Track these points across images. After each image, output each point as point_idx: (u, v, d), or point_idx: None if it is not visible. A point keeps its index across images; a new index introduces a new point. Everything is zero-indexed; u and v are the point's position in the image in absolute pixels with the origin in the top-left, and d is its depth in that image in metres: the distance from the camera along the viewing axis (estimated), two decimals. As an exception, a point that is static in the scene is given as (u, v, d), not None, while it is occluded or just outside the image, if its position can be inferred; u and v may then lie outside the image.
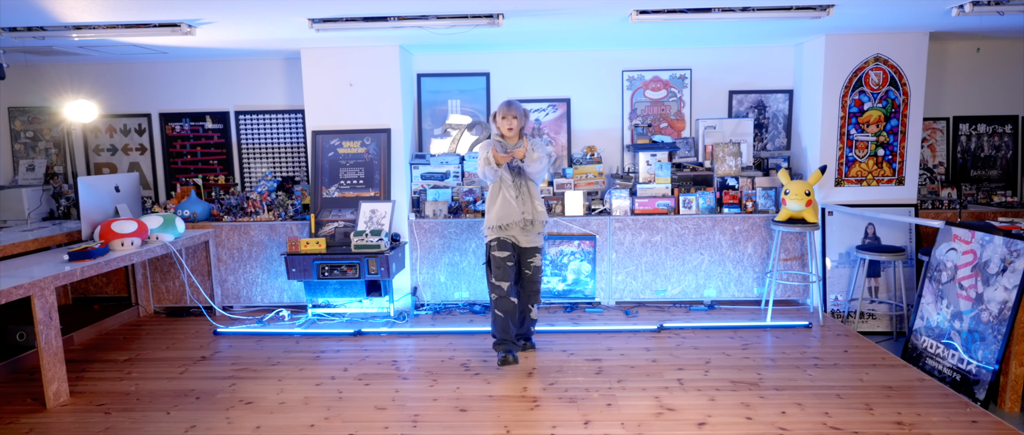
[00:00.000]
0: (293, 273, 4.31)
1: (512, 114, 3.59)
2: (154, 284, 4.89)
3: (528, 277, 3.72)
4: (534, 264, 3.70)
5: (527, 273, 3.71)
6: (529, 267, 3.70)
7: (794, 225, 4.23)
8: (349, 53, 4.57)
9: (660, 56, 4.96)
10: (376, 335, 4.26)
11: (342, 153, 4.66)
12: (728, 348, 3.85)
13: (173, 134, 5.22)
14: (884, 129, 4.48)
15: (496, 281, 3.63)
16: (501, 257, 3.61)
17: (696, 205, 4.64)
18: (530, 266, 3.70)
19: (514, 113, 3.60)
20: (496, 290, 3.64)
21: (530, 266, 3.70)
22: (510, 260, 3.63)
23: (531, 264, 3.69)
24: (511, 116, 3.59)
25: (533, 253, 3.69)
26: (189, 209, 4.77)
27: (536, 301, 3.78)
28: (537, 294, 3.76)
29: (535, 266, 3.70)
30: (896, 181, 4.53)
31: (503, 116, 3.60)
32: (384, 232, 4.29)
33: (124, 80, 5.15)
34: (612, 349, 3.88)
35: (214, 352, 4.01)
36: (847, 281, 4.56)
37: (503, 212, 3.58)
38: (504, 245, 3.62)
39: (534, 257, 3.69)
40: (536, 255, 3.70)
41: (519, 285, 3.78)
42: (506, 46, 4.79)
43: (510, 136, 3.65)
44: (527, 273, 3.71)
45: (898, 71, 4.40)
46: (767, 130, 5.00)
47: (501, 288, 3.62)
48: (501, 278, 3.62)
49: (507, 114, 3.59)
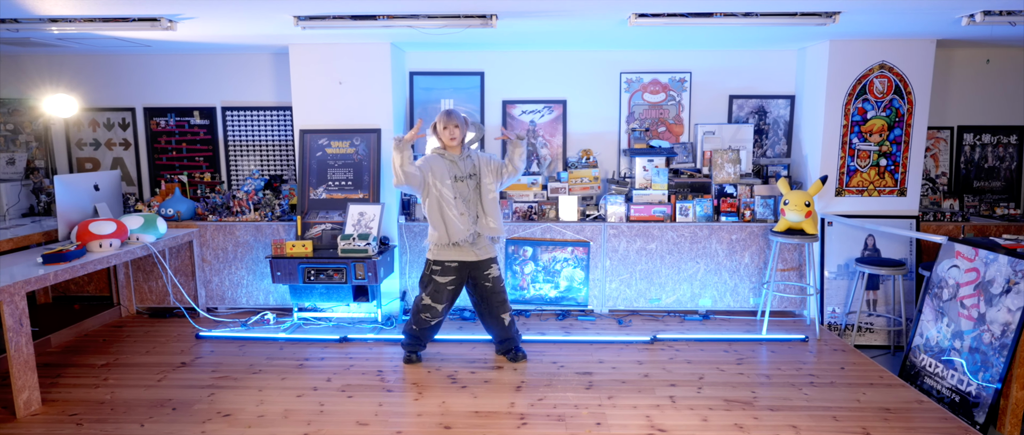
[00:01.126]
0: (278, 277, 4.19)
1: (453, 123, 3.48)
2: (137, 284, 4.77)
3: (489, 290, 3.61)
4: (492, 276, 3.60)
5: (486, 286, 3.60)
6: (487, 280, 3.59)
7: (793, 236, 4.13)
8: (339, 50, 4.43)
9: (659, 58, 4.83)
10: (362, 342, 4.15)
11: (331, 153, 4.53)
12: (722, 362, 3.76)
13: (158, 129, 5.08)
14: (887, 138, 4.37)
15: (430, 301, 3.55)
16: (442, 283, 3.53)
17: (693, 213, 4.53)
18: (488, 278, 3.59)
19: (455, 122, 3.48)
20: (428, 310, 3.57)
21: (488, 278, 3.59)
22: (452, 285, 3.55)
23: (488, 277, 3.60)
24: (452, 125, 3.47)
25: (488, 265, 3.59)
26: (173, 207, 4.64)
27: (506, 309, 3.67)
28: (504, 303, 3.66)
29: (493, 277, 3.60)
30: (898, 192, 4.43)
31: (444, 125, 3.49)
32: (372, 236, 4.17)
33: (107, 73, 5.00)
34: (603, 361, 3.77)
35: (195, 358, 3.90)
36: (845, 293, 4.46)
37: (451, 231, 3.46)
38: (447, 270, 3.53)
39: (490, 269, 3.59)
40: (492, 266, 3.60)
41: (480, 302, 3.67)
42: (501, 45, 4.65)
43: (453, 146, 3.53)
44: (486, 286, 3.60)
45: (903, 79, 4.28)
46: (767, 136, 4.89)
47: (435, 309, 3.56)
48: (437, 299, 3.55)
49: (448, 123, 3.48)
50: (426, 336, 3.72)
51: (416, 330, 3.68)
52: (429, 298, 3.57)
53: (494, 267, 3.62)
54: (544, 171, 4.96)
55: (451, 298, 3.62)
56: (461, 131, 3.51)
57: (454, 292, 3.60)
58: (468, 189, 3.54)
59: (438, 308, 3.58)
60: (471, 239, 3.53)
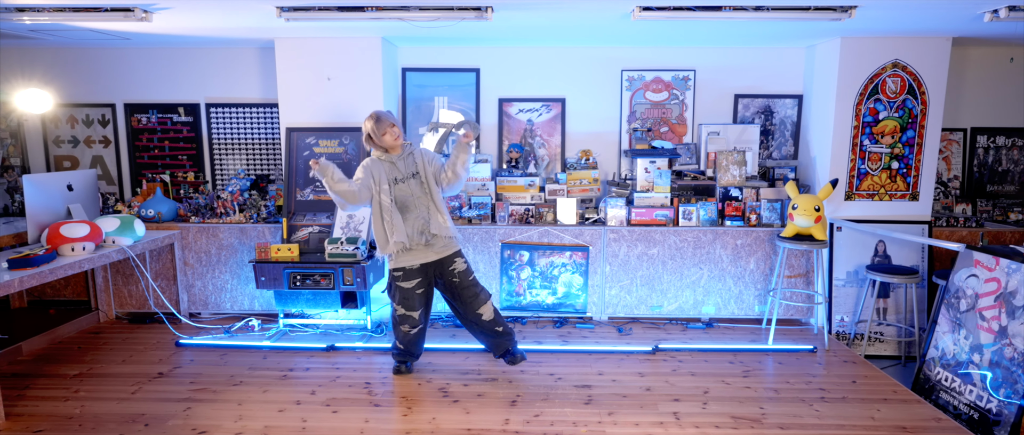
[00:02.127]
0: (262, 282, 4.00)
1: (390, 122, 3.28)
2: (116, 288, 4.56)
3: (457, 285, 3.39)
4: (458, 270, 3.39)
5: (455, 282, 3.39)
6: (454, 275, 3.39)
7: (801, 242, 3.94)
8: (327, 44, 4.23)
9: (662, 55, 4.64)
10: (350, 351, 3.95)
11: (319, 152, 4.33)
12: (728, 375, 3.58)
13: (139, 126, 4.87)
14: (899, 140, 4.19)
15: (404, 310, 3.37)
16: (408, 287, 3.34)
17: (697, 217, 4.34)
18: (454, 273, 3.39)
19: (391, 121, 3.29)
20: (405, 321, 3.39)
21: (454, 273, 3.39)
22: (420, 288, 3.36)
23: (454, 271, 3.39)
24: (388, 124, 3.26)
25: (452, 260, 3.39)
26: (153, 208, 4.44)
27: (482, 302, 3.40)
28: (477, 296, 3.40)
29: (460, 271, 3.39)
30: (910, 196, 4.25)
31: (383, 132, 3.26)
32: (361, 239, 3.97)
33: (86, 67, 4.79)
34: (603, 373, 3.59)
35: (173, 368, 3.70)
36: (854, 301, 4.28)
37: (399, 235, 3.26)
38: (410, 274, 3.34)
39: (454, 263, 3.39)
40: (456, 259, 3.40)
41: (453, 302, 3.48)
42: (497, 40, 4.46)
43: (396, 145, 3.33)
44: (455, 282, 3.39)
45: (917, 79, 4.10)
46: (773, 137, 4.71)
47: (412, 317, 3.38)
48: (409, 306, 3.36)
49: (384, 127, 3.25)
50: (413, 347, 3.53)
51: (401, 346, 3.52)
52: (402, 307, 3.38)
53: (459, 260, 3.41)
54: (541, 172, 4.77)
55: (425, 302, 3.43)
56: (398, 128, 3.32)
57: (426, 294, 3.42)
58: (412, 189, 3.33)
59: (414, 315, 3.38)
60: (424, 240, 3.33)
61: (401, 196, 3.32)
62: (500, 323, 3.48)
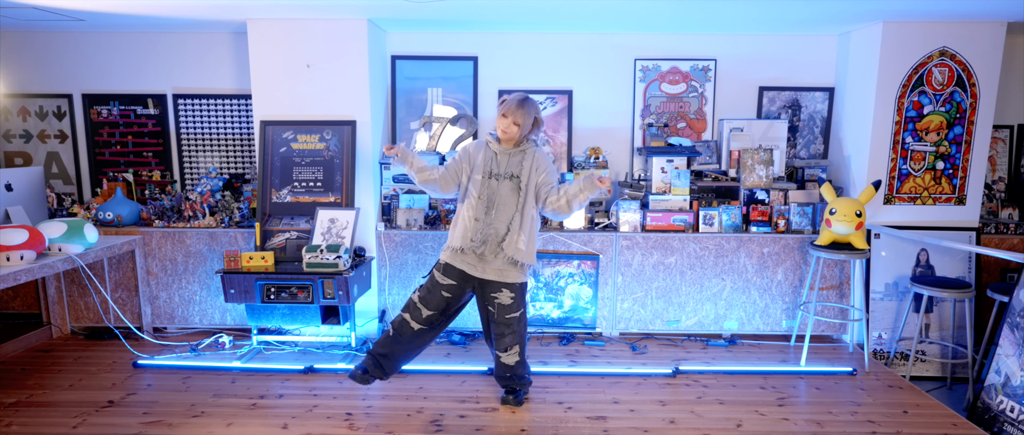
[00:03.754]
0: (232, 295, 3.53)
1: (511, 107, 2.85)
2: (71, 300, 4.08)
3: (492, 314, 2.95)
4: (498, 301, 2.90)
5: (491, 310, 2.95)
6: (492, 304, 2.92)
7: (839, 251, 3.51)
8: (307, 27, 3.77)
9: (679, 43, 4.20)
10: (331, 373, 3.49)
11: (297, 149, 3.87)
12: (761, 403, 3.14)
13: (100, 120, 4.39)
14: (945, 138, 3.76)
15: (418, 301, 2.92)
16: (440, 283, 2.91)
17: (719, 222, 3.91)
18: (493, 302, 2.92)
19: (511, 107, 2.85)
20: (411, 309, 2.93)
21: (493, 302, 2.92)
22: (449, 291, 2.90)
23: (494, 301, 2.91)
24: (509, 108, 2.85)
25: (497, 288, 2.89)
26: (112, 211, 3.97)
27: (508, 344, 2.95)
28: (504, 338, 2.94)
29: (499, 304, 2.90)
30: (956, 200, 3.83)
31: (501, 112, 2.87)
32: (344, 247, 3.52)
33: (37, 52, 4.31)
34: (619, 401, 3.14)
35: (127, 394, 3.23)
36: (894, 317, 3.86)
37: (461, 234, 2.89)
38: (450, 271, 2.91)
39: (499, 293, 2.89)
40: (501, 291, 2.89)
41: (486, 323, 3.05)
42: (497, 25, 4.01)
43: (505, 139, 2.90)
44: (491, 310, 2.95)
45: (967, 68, 3.68)
46: (801, 134, 4.28)
47: (419, 311, 2.91)
48: (426, 302, 2.91)
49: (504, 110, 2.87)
50: (397, 352, 2.94)
51: (390, 335, 2.95)
52: (418, 294, 2.94)
53: (503, 292, 2.89)
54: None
55: (444, 308, 2.95)
56: (519, 130, 2.86)
57: (450, 301, 2.94)
58: (503, 191, 2.87)
59: (423, 312, 2.90)
60: (480, 251, 2.86)
61: (490, 194, 2.87)
62: (521, 375, 3.04)
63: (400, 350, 2.96)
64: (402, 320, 2.95)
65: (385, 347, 2.95)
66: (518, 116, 2.85)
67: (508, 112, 2.85)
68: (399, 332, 2.95)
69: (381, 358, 2.94)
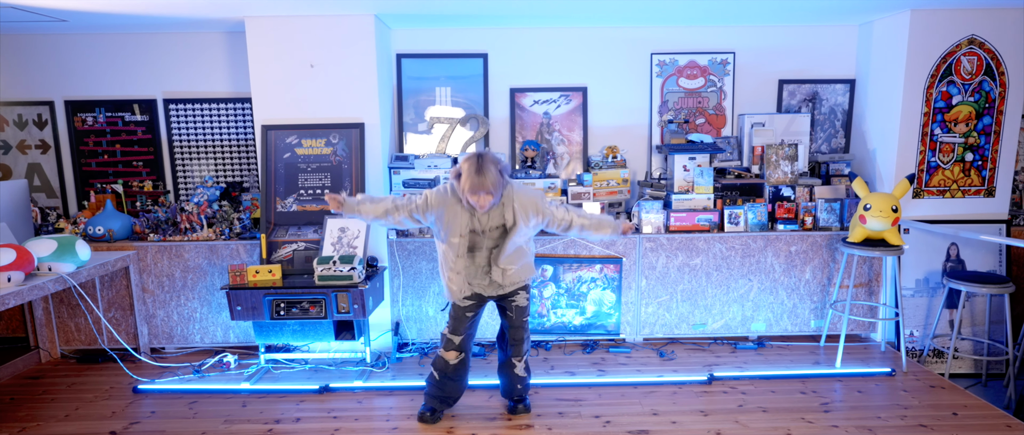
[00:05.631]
0: (239, 312, 3.31)
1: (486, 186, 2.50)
2: (60, 321, 3.81)
3: (510, 321, 2.86)
4: (516, 304, 2.84)
5: (509, 316, 2.86)
6: (511, 308, 2.84)
7: (873, 248, 3.40)
8: (309, 24, 3.55)
9: (697, 36, 4.06)
10: (348, 392, 3.29)
11: (302, 154, 3.65)
12: (805, 410, 3.01)
13: (85, 128, 4.11)
14: (974, 129, 3.67)
15: (449, 333, 2.84)
16: (462, 307, 2.80)
17: (744, 221, 3.78)
18: (512, 306, 2.84)
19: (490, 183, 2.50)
20: (445, 342, 2.85)
21: (512, 306, 2.84)
22: (471, 310, 2.81)
23: (513, 304, 2.84)
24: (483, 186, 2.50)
25: (514, 293, 2.83)
26: (103, 225, 3.70)
27: (519, 354, 2.89)
28: (520, 343, 2.88)
29: (517, 306, 2.84)
30: (985, 192, 3.74)
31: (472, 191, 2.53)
32: (358, 258, 3.31)
33: (16, 56, 4.02)
34: (658, 413, 2.99)
35: (130, 423, 2.99)
36: (924, 313, 3.77)
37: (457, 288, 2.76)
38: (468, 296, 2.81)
39: (516, 296, 2.83)
40: (519, 293, 2.84)
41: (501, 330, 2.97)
42: (508, 20, 3.82)
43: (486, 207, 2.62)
44: (509, 316, 2.86)
45: (996, 57, 3.59)
46: (821, 128, 4.16)
47: (452, 341, 2.83)
48: (454, 330, 2.82)
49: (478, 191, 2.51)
50: (451, 388, 2.91)
51: (436, 386, 2.90)
52: (448, 329, 2.85)
53: (521, 294, 2.85)
54: (562, 173, 4.15)
55: (472, 325, 2.88)
56: (494, 195, 2.56)
57: (474, 318, 2.87)
58: (492, 239, 2.72)
59: (456, 340, 2.83)
60: (487, 281, 2.78)
61: (475, 242, 2.72)
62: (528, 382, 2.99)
63: (452, 384, 2.91)
64: (439, 359, 2.88)
65: (439, 389, 2.91)
66: (486, 185, 2.51)
67: (475, 190, 2.52)
68: (442, 371, 2.88)
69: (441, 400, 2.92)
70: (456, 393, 2.94)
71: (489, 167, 2.52)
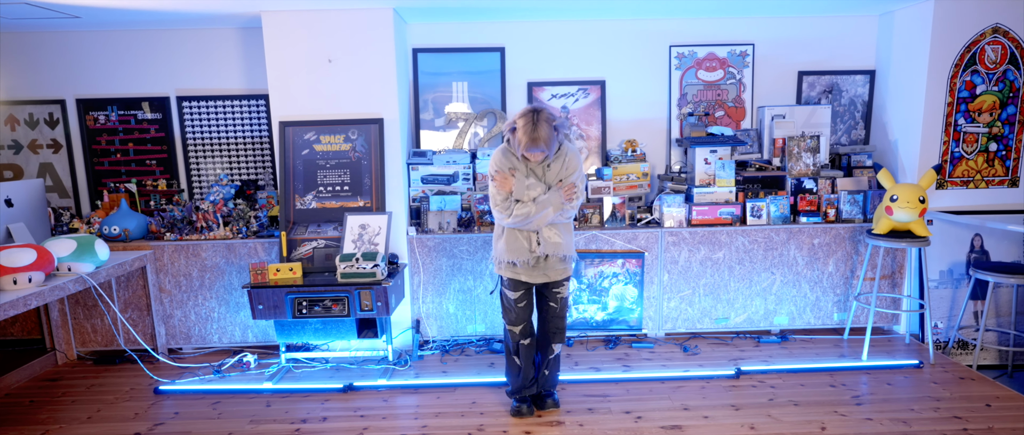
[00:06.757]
0: (260, 311, 3.26)
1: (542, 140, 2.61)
2: (77, 322, 3.76)
3: (553, 310, 2.91)
4: (560, 296, 2.89)
5: (552, 306, 2.90)
6: (555, 299, 2.89)
7: (899, 239, 3.38)
8: (327, 17, 3.50)
9: (716, 27, 4.02)
10: (372, 390, 3.25)
11: (320, 150, 3.60)
12: (837, 403, 2.98)
13: (96, 126, 4.06)
14: (998, 118, 3.65)
15: (509, 325, 2.91)
16: (513, 298, 2.84)
17: (766, 213, 3.75)
18: (556, 297, 2.89)
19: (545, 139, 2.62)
20: (509, 335, 2.92)
21: (556, 297, 2.89)
22: (523, 300, 2.86)
23: (557, 296, 2.89)
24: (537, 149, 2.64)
25: (558, 285, 2.87)
26: (118, 225, 3.65)
27: (560, 339, 2.94)
28: (562, 331, 2.93)
29: (561, 297, 2.89)
30: (1009, 182, 3.72)
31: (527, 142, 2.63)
32: (380, 254, 3.27)
33: (27, 55, 3.96)
34: (689, 408, 2.96)
35: (154, 424, 2.95)
36: (949, 305, 3.74)
37: (510, 247, 2.78)
38: (517, 284, 2.83)
39: (560, 288, 2.88)
40: (562, 286, 2.89)
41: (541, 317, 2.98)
42: (525, 13, 3.78)
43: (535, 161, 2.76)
44: (552, 306, 2.90)
45: (1020, 45, 3.56)
46: (841, 120, 4.13)
47: (514, 332, 2.89)
48: (514, 321, 2.88)
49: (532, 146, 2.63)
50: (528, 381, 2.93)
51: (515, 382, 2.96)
52: (508, 321, 2.91)
53: (564, 287, 2.89)
54: (581, 167, 4.11)
55: (528, 311, 2.92)
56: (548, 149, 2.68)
57: (529, 306, 2.91)
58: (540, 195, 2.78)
59: (518, 329, 2.89)
60: (532, 261, 2.78)
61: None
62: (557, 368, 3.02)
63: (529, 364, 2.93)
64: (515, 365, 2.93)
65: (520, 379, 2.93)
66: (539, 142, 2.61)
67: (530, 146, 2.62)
68: (516, 353, 2.92)
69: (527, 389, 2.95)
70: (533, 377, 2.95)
71: (542, 124, 2.62)
